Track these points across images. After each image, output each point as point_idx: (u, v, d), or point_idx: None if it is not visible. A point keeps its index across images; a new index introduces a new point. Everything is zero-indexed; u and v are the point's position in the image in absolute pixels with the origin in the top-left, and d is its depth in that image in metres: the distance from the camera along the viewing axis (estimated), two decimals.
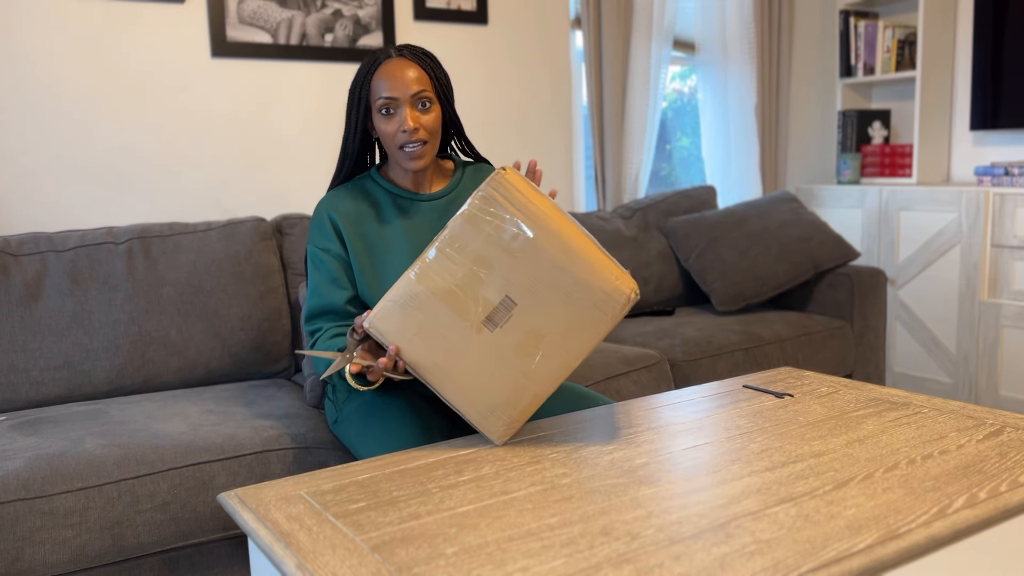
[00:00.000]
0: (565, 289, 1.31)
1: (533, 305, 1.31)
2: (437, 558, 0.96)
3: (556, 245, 1.30)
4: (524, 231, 1.30)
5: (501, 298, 1.31)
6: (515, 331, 1.32)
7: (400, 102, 1.58)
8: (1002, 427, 1.35)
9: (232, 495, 1.17)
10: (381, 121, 1.60)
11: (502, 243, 1.30)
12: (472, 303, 1.31)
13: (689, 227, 3.04)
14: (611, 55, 3.23)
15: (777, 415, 1.45)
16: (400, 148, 1.60)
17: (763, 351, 2.61)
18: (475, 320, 1.32)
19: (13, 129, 2.35)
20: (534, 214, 1.30)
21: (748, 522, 1.02)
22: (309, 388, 2.00)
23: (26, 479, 1.54)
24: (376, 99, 1.59)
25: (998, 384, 3.15)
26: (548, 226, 1.30)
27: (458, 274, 1.31)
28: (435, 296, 1.32)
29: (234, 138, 2.65)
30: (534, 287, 1.31)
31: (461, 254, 1.31)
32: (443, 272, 1.31)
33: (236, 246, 2.27)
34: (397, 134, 1.59)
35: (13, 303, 2.03)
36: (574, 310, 1.31)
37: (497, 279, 1.31)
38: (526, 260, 1.30)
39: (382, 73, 1.59)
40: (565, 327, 1.32)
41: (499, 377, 1.33)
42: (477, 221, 1.30)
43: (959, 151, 3.67)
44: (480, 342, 1.32)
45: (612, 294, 1.31)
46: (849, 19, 3.79)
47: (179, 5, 2.52)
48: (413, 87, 1.58)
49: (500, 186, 1.31)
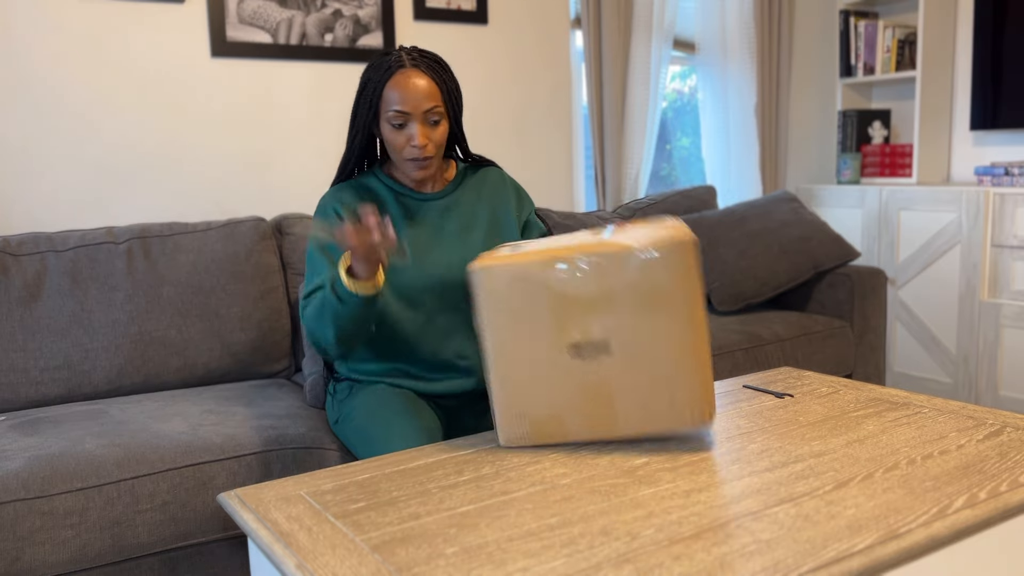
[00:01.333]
0: (661, 374, 1.26)
1: (623, 366, 1.26)
2: (437, 558, 0.96)
3: (682, 335, 1.25)
4: (667, 304, 1.24)
5: (602, 339, 1.26)
6: (591, 373, 1.27)
7: (412, 117, 1.57)
8: (1002, 427, 1.35)
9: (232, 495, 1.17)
10: (391, 132, 1.60)
11: (640, 297, 1.24)
12: (574, 324, 1.26)
13: (689, 227, 3.04)
14: (611, 55, 3.23)
15: (777, 415, 1.45)
16: (407, 160, 1.61)
17: (763, 351, 2.61)
18: (565, 340, 1.27)
19: (13, 129, 2.35)
20: (687, 298, 1.24)
21: (748, 522, 1.02)
22: (309, 388, 2.00)
23: (26, 479, 1.54)
24: (388, 110, 1.58)
25: (998, 384, 3.15)
26: (690, 317, 1.24)
27: (582, 290, 1.25)
28: (549, 292, 1.26)
29: (234, 138, 2.65)
30: (636, 353, 1.26)
31: (600, 277, 1.25)
32: (572, 278, 1.25)
33: (236, 246, 2.27)
34: (406, 147, 1.59)
35: (13, 303, 2.03)
36: (652, 395, 1.27)
37: (611, 321, 1.25)
38: (649, 328, 1.25)
39: (396, 84, 1.57)
40: (633, 403, 1.28)
41: (549, 399, 1.29)
42: (637, 264, 1.24)
43: (959, 151, 3.67)
44: (554, 360, 1.28)
45: (693, 409, 1.27)
46: (849, 19, 3.79)
47: (179, 5, 2.52)
48: (425, 103, 1.57)
49: (678, 251, 1.23)
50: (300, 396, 2.07)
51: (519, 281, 1.26)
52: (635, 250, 1.23)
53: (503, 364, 1.30)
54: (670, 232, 1.25)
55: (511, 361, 1.29)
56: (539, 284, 1.26)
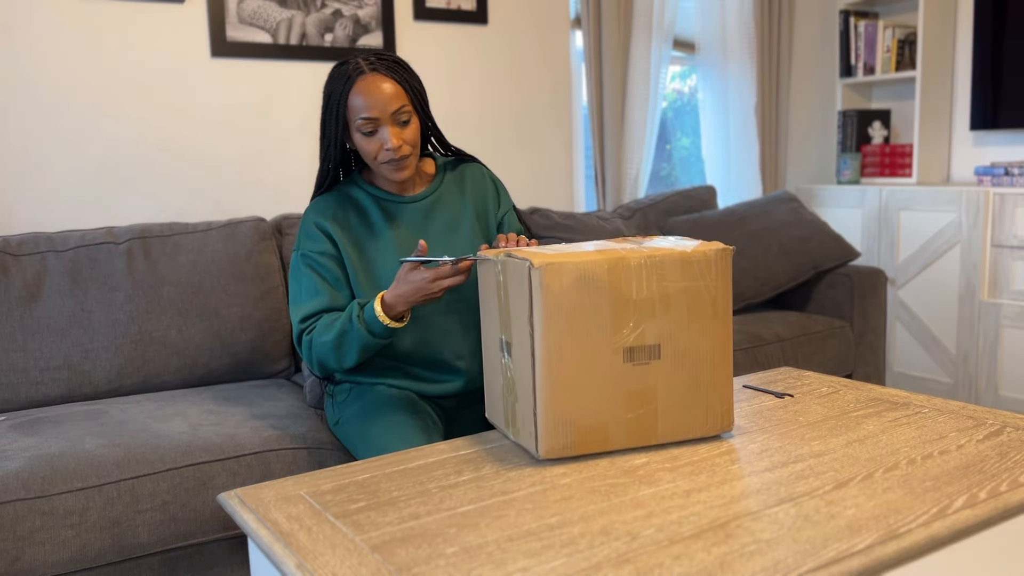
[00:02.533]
0: (703, 379, 1.31)
1: (670, 370, 1.29)
2: (437, 558, 0.96)
3: (723, 340, 1.31)
4: (712, 309, 1.29)
5: (655, 343, 1.28)
6: (639, 379, 1.28)
7: (381, 121, 1.57)
8: (1002, 427, 1.35)
9: (232, 495, 1.17)
10: (363, 140, 1.59)
11: (691, 301, 1.28)
12: (629, 327, 1.26)
13: (689, 227, 3.04)
14: (611, 55, 3.23)
15: (777, 415, 1.45)
16: (383, 163, 1.60)
17: (763, 351, 2.61)
18: (620, 343, 1.26)
19: (13, 129, 2.35)
20: (727, 304, 1.30)
21: (748, 522, 1.02)
22: (309, 388, 2.00)
23: (26, 479, 1.54)
24: (355, 119, 1.57)
25: (998, 384, 3.15)
26: (727, 322, 1.31)
27: (641, 293, 1.26)
28: (611, 294, 1.25)
29: (234, 138, 2.65)
30: (683, 357, 1.29)
31: (659, 280, 1.26)
32: (632, 280, 1.25)
33: (236, 246, 2.27)
34: (380, 152, 1.59)
35: (13, 303, 2.03)
36: (692, 400, 1.30)
37: (665, 324, 1.28)
38: (697, 332, 1.29)
39: (360, 91, 1.56)
40: (674, 409, 1.30)
41: (599, 405, 1.26)
42: (690, 268, 1.28)
43: (959, 151, 3.67)
44: (608, 364, 1.26)
45: (722, 415, 1.33)
46: (849, 19, 3.79)
47: (179, 5, 2.52)
48: (392, 104, 1.56)
49: (723, 258, 1.29)
50: (300, 396, 2.07)
51: (585, 281, 1.23)
52: (689, 254, 1.27)
53: (557, 367, 1.24)
54: (709, 242, 1.32)
55: (566, 364, 1.24)
56: (603, 284, 1.24)
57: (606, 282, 1.24)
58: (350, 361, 1.58)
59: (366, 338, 1.54)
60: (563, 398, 1.24)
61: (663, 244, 1.33)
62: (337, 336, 1.56)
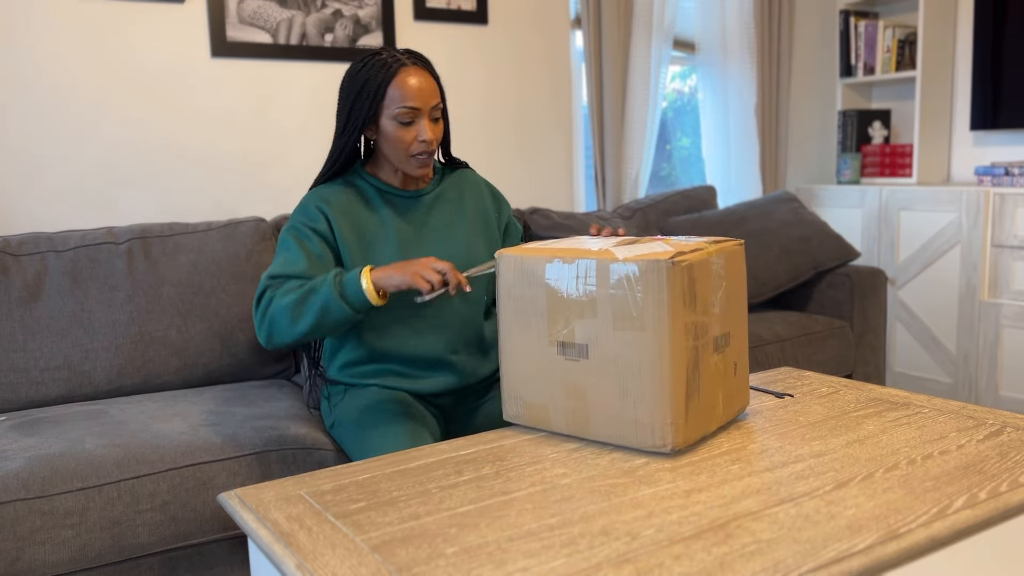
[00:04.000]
0: (629, 389, 1.26)
1: (597, 373, 1.29)
2: (437, 558, 0.96)
3: (650, 357, 1.24)
4: (640, 322, 1.24)
5: (582, 342, 1.29)
6: (572, 371, 1.31)
7: (421, 113, 1.60)
8: (1002, 427, 1.35)
9: (232, 495, 1.17)
10: (397, 129, 1.60)
11: (617, 310, 1.26)
12: (563, 323, 1.31)
13: (689, 227, 3.04)
14: (611, 55, 3.23)
15: (777, 415, 1.45)
16: (412, 156, 1.62)
17: (763, 351, 2.61)
18: (555, 336, 1.33)
19: (13, 129, 2.35)
20: (658, 320, 1.22)
21: (748, 522, 1.02)
22: (308, 391, 2.00)
23: (26, 479, 1.54)
24: (395, 107, 1.59)
25: (998, 384, 3.15)
26: (658, 339, 1.22)
27: (571, 292, 1.30)
28: (546, 289, 1.32)
29: (234, 138, 2.65)
30: (608, 364, 1.28)
31: (586, 284, 1.28)
32: (564, 279, 1.30)
33: (236, 246, 2.27)
34: (414, 143, 1.61)
35: (13, 303, 2.03)
36: (620, 408, 1.27)
37: (591, 327, 1.28)
38: (623, 342, 1.26)
39: (403, 82, 1.58)
40: (604, 410, 1.29)
41: (538, 387, 1.37)
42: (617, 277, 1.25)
43: (959, 151, 3.67)
44: (545, 352, 1.35)
45: (656, 432, 1.25)
46: (849, 19, 3.79)
47: (179, 5, 2.52)
48: (432, 99, 1.61)
49: (654, 271, 1.22)
50: (300, 397, 2.07)
51: (524, 273, 1.35)
52: (619, 262, 1.25)
53: (507, 347, 1.40)
54: (657, 252, 1.26)
55: (514, 346, 1.38)
56: (539, 279, 1.33)
57: (543, 277, 1.33)
58: (302, 327, 1.50)
59: (334, 303, 1.47)
60: (512, 374, 1.40)
61: (619, 249, 1.30)
62: (302, 295, 1.50)
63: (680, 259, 1.22)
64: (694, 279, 1.25)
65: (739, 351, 1.39)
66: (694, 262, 1.25)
